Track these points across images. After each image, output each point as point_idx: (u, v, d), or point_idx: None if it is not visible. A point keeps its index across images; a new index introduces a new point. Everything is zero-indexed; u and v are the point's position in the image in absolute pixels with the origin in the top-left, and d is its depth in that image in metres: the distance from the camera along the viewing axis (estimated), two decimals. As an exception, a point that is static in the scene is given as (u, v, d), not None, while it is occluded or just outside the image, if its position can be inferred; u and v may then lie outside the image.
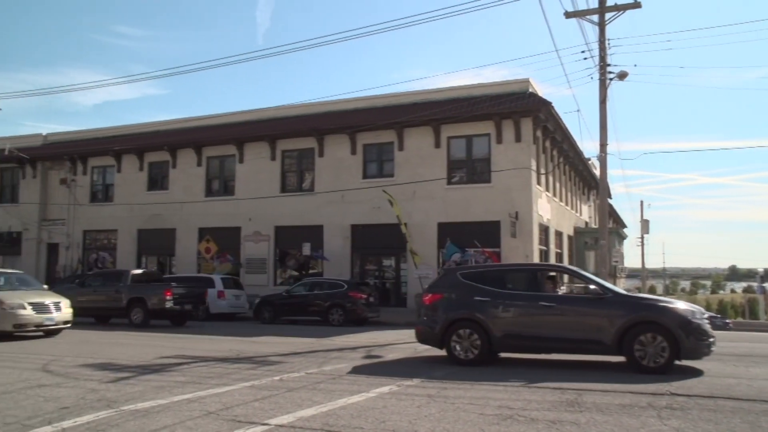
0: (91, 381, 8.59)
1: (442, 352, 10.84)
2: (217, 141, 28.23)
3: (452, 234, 23.56)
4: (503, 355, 11.03)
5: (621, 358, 10.41)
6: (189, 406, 6.87)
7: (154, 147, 29.58)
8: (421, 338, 10.97)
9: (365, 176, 25.50)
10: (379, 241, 25.28)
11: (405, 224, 23.13)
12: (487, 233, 23.06)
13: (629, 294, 10.89)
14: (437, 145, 24.30)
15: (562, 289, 11.08)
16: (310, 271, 26.06)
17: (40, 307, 14.91)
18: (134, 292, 18.73)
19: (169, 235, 29.08)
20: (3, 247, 32.43)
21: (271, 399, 7.25)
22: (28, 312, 14.61)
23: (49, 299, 15.43)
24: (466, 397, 7.37)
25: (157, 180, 30.11)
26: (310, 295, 20.46)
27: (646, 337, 9.14)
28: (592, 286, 9.96)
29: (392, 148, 25.18)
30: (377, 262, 25.90)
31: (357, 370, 9.64)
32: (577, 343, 9.71)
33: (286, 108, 27.96)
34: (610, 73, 18.02)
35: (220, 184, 28.70)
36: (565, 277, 16.05)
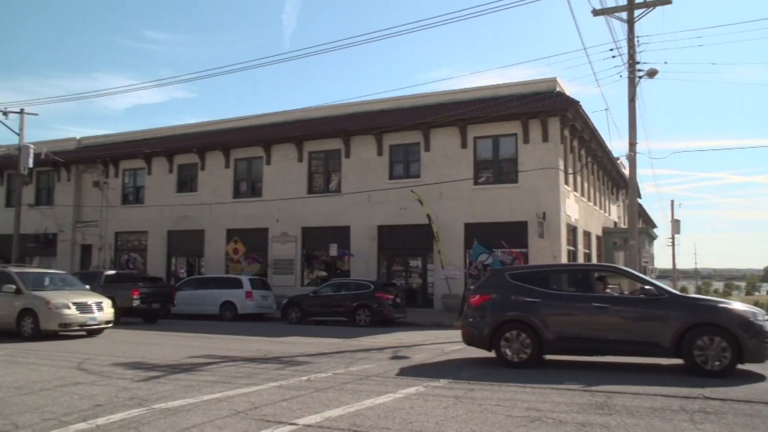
0: (123, 379, 8.77)
1: (468, 353, 10.80)
2: (245, 143, 28.54)
3: (479, 234, 23.44)
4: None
5: (650, 360, 10.26)
6: (218, 405, 6.96)
7: (183, 149, 30.03)
8: (469, 340, 10.73)
9: (392, 177, 25.52)
10: (405, 242, 25.28)
11: (433, 225, 23.07)
12: (514, 234, 22.90)
13: (686, 295, 10.52)
14: (464, 145, 24.20)
15: (610, 290, 10.77)
16: (337, 272, 26.17)
17: (83, 307, 15.17)
18: (105, 292, 19.08)
19: (198, 237, 29.49)
20: (39, 249, 33.21)
21: (298, 399, 7.30)
22: (73, 312, 14.88)
23: (91, 299, 15.70)
24: (494, 398, 7.33)
25: (187, 182, 30.56)
26: (337, 295, 20.54)
27: (705, 339, 8.88)
28: (647, 287, 9.65)
29: (418, 149, 25.16)
30: (404, 263, 25.90)
31: (384, 371, 9.65)
32: (632, 345, 9.47)
33: (312, 109, 28.13)
34: (640, 71, 17.73)
35: (248, 186, 29.00)
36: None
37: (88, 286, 17.55)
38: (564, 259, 22.61)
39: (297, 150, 27.40)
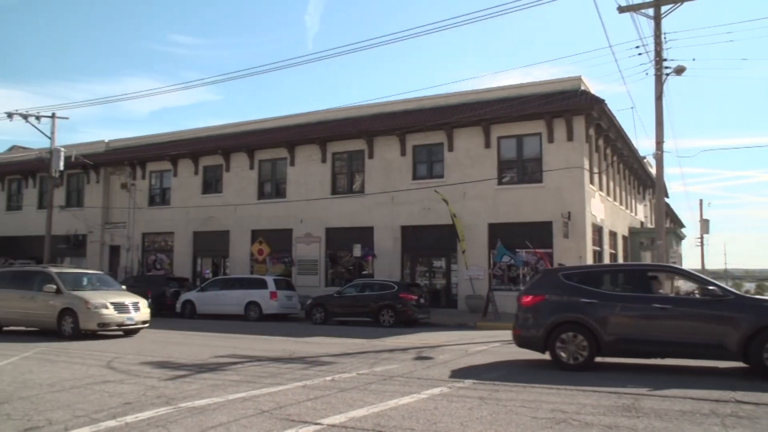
0: (150, 378, 8.90)
1: (492, 354, 10.73)
2: (269, 144, 28.76)
3: (503, 235, 23.29)
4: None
5: (679, 362, 10.10)
6: (243, 404, 7.03)
7: (209, 151, 30.38)
8: (521, 342, 10.50)
9: (415, 177, 25.50)
10: (429, 242, 25.24)
11: (458, 225, 22.99)
12: (538, 234, 22.71)
13: (753, 296, 10.16)
14: (487, 145, 24.08)
15: (663, 291, 10.49)
16: (361, 272, 26.24)
17: (121, 307, 15.38)
18: None
19: (223, 237, 29.80)
20: (70, 249, 33.89)
21: (323, 399, 7.34)
22: (111, 312, 15.10)
23: (128, 299, 15.87)
24: (519, 399, 7.28)
25: (212, 183, 30.91)
26: (361, 296, 20.58)
27: None
28: (710, 287, 9.38)
29: (442, 149, 25.10)
30: (427, 263, 25.86)
31: (407, 371, 9.64)
32: (695, 347, 9.19)
33: (335, 110, 28.22)
34: (667, 68, 17.45)
35: (272, 187, 29.23)
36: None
37: (124, 287, 17.80)
38: (589, 260, 22.34)
39: (320, 151, 27.53)
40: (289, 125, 28.89)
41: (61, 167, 28.67)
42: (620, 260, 28.13)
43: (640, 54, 17.92)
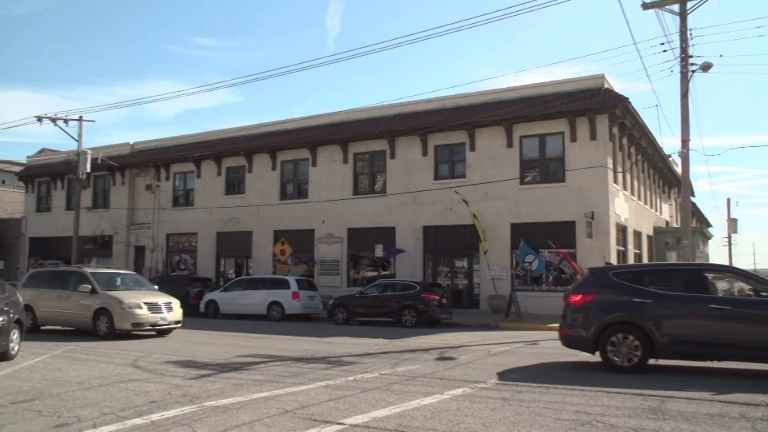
0: (175, 377, 9.02)
1: (514, 355, 10.64)
2: (291, 145, 28.93)
3: (525, 235, 23.13)
4: (574, 359, 10.70)
5: (705, 364, 9.95)
6: (266, 404, 7.08)
7: (231, 152, 30.66)
8: (569, 342, 10.26)
9: (437, 177, 25.45)
10: (451, 243, 25.18)
11: (479, 225, 22.89)
12: (561, 234, 22.51)
13: None
14: (509, 144, 23.94)
15: (718, 291, 10.18)
16: (383, 273, 26.26)
17: (154, 307, 15.40)
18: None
19: (245, 238, 30.05)
20: (96, 250, 34.48)
21: (345, 399, 7.36)
22: (144, 312, 15.15)
23: (161, 299, 15.91)
24: (542, 400, 7.23)
25: (234, 184, 31.19)
26: (383, 296, 20.59)
27: None
28: None
29: (463, 149, 25.02)
30: (449, 264, 25.79)
31: (430, 372, 9.63)
32: (757, 350, 8.93)
33: (357, 111, 28.29)
34: (693, 65, 17.18)
35: (294, 188, 29.40)
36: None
37: (156, 287, 17.88)
38: (613, 260, 22.08)
39: (342, 151, 27.62)
40: (311, 126, 29.03)
41: (88, 169, 29.21)
42: (645, 260, 27.75)
43: (664, 51, 17.68)
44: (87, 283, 15.73)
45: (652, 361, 9.65)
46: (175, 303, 16.20)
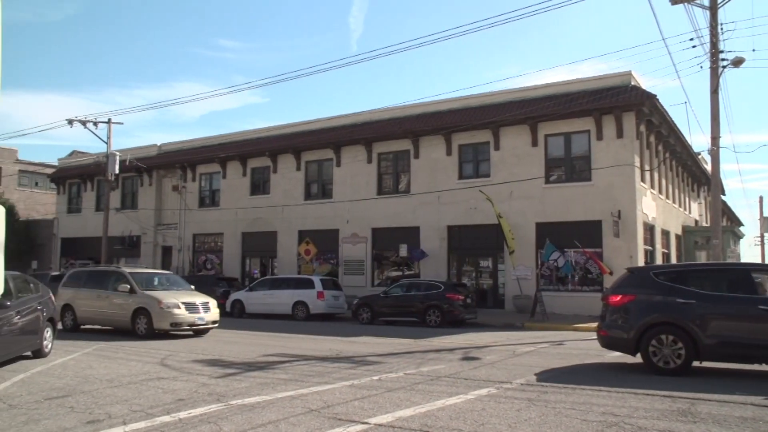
0: (202, 376, 9.13)
1: (540, 355, 10.53)
2: (315, 145, 29.08)
3: (551, 234, 22.91)
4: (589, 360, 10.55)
5: (737, 366, 9.77)
6: (291, 402, 7.13)
7: (256, 153, 30.93)
8: (608, 343, 10.07)
9: (461, 177, 25.35)
10: (475, 242, 25.06)
11: (504, 224, 22.72)
12: (587, 233, 22.25)
13: None
14: (534, 143, 23.74)
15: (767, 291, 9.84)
16: (407, 272, 26.25)
17: (192, 307, 15.41)
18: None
19: (270, 238, 30.29)
20: (125, 250, 35.08)
21: (370, 398, 7.38)
22: (183, 312, 15.17)
23: (198, 299, 15.91)
24: (568, 401, 7.15)
25: (259, 185, 31.46)
26: (407, 296, 20.57)
27: None
28: None
29: (488, 148, 24.88)
30: (474, 263, 25.66)
31: (454, 372, 9.60)
32: None
33: (381, 111, 28.31)
34: (723, 60, 16.86)
35: (319, 188, 29.54)
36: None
37: (193, 287, 17.87)
38: (641, 260, 21.75)
39: (366, 151, 27.67)
40: (335, 126, 29.14)
41: (117, 171, 29.74)
42: (673, 260, 27.29)
43: (694, 47, 17.43)
44: (126, 282, 15.82)
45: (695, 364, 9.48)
46: (212, 303, 16.20)
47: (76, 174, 38.52)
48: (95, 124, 29.57)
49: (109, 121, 29.96)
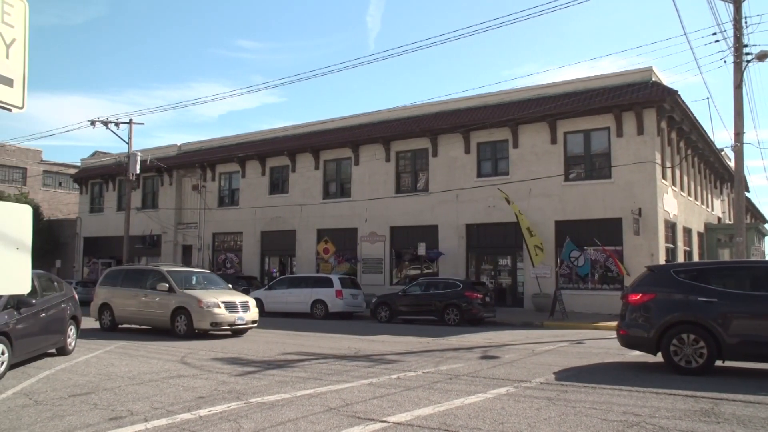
0: (222, 374, 9.21)
1: (559, 354, 10.45)
2: (334, 144, 29.14)
3: (570, 232, 22.72)
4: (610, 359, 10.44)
5: (757, 366, 9.62)
6: (310, 401, 7.16)
7: (275, 152, 31.08)
8: (628, 342, 9.95)
9: (479, 175, 25.24)
10: (494, 240, 24.95)
11: (523, 222, 22.58)
12: (607, 231, 22.03)
13: None
14: (553, 141, 23.54)
15: None
16: (425, 271, 26.21)
17: (231, 306, 14.99)
18: None
19: (289, 237, 30.43)
20: (146, 249, 35.51)
21: (389, 397, 7.38)
22: (223, 311, 14.78)
23: (238, 298, 15.53)
24: (588, 401, 7.09)
25: (278, 184, 31.62)
26: (426, 294, 20.54)
27: None
28: None
29: (506, 146, 24.74)
30: (493, 262, 25.55)
31: (473, 370, 9.57)
32: None
33: (399, 109, 28.29)
34: (748, 54, 16.56)
35: (337, 187, 29.61)
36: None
37: (230, 285, 17.59)
38: (662, 258, 21.48)
39: (384, 150, 27.67)
40: (353, 125, 29.18)
41: (138, 171, 30.10)
42: (695, 258, 26.91)
43: (717, 41, 17.09)
44: (164, 281, 15.53)
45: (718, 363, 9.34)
46: (251, 302, 15.81)
47: (98, 174, 39.04)
48: (117, 124, 29.96)
49: (130, 122, 30.33)
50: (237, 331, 15.60)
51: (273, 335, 15.84)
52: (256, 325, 15.93)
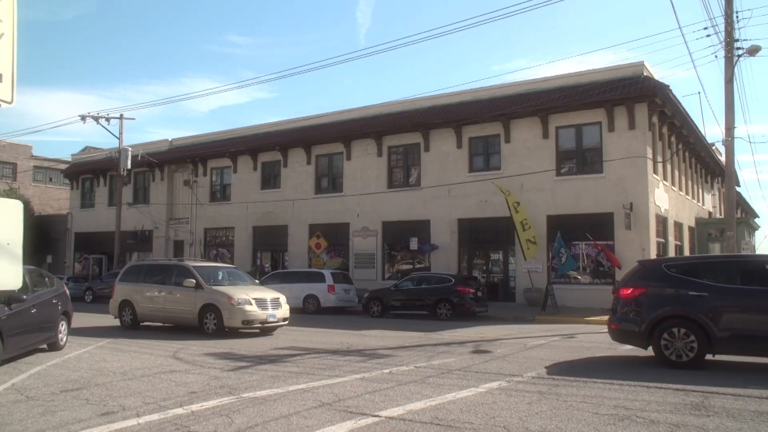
0: (214, 369, 9.20)
1: (550, 348, 10.50)
2: (325, 139, 29.06)
3: (562, 227, 22.78)
4: (608, 354, 10.50)
5: (753, 360, 9.70)
6: (303, 396, 7.17)
7: (267, 147, 30.97)
8: (619, 337, 9.99)
9: (471, 170, 25.26)
10: (486, 235, 25.00)
11: (517, 216, 22.61)
12: (599, 225, 22.12)
13: None
14: (545, 135, 23.59)
15: None
16: (417, 266, 26.24)
17: (262, 303, 14.33)
18: None
19: (281, 232, 30.37)
20: (137, 245, 35.36)
21: (381, 391, 7.40)
22: (254, 308, 14.09)
23: (268, 295, 14.83)
24: (579, 395, 7.14)
25: (270, 179, 31.53)
26: (418, 289, 20.58)
27: None
28: None
29: (498, 141, 24.77)
30: (485, 256, 25.61)
31: (465, 365, 9.60)
32: None
33: (390, 104, 28.24)
34: (739, 49, 16.66)
35: (329, 182, 29.56)
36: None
37: (257, 281, 16.74)
38: (653, 253, 21.61)
39: (376, 145, 27.64)
40: (345, 120, 29.11)
41: (129, 166, 29.93)
42: (686, 252, 27.08)
43: (708, 36, 17.23)
44: (191, 277, 14.79)
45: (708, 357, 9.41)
46: (282, 299, 15.08)
47: (89, 169, 38.79)
48: (107, 119, 29.77)
49: (120, 117, 30.14)
50: (266, 330, 14.79)
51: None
52: (287, 322, 15.21)
